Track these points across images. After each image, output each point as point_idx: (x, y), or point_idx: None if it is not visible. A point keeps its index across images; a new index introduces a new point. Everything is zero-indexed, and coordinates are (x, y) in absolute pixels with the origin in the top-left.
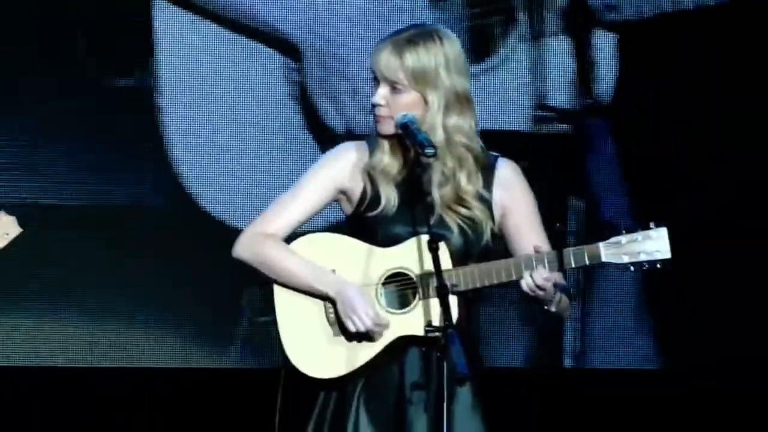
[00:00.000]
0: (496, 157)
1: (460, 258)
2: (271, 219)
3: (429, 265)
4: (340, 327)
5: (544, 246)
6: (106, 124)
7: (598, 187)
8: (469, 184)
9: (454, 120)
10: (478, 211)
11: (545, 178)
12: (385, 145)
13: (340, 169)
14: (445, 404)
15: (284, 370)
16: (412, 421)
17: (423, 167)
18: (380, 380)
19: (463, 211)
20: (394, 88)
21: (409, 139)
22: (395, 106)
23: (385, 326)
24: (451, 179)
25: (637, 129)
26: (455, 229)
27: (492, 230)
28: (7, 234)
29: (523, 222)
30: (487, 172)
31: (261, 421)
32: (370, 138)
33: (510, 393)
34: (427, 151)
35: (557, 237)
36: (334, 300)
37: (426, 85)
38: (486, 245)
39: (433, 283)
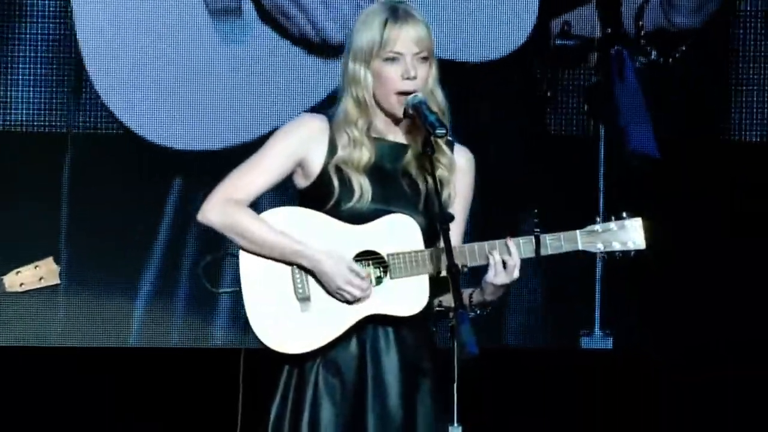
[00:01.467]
0: (453, 141)
1: (428, 234)
2: (238, 186)
3: (400, 245)
4: (311, 302)
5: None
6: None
7: (624, 115)
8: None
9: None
10: (446, 170)
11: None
12: (353, 131)
13: (301, 141)
14: (455, 384)
15: (244, 350)
16: (370, 397)
17: (432, 147)
18: (338, 356)
19: (437, 170)
20: (421, 60)
21: (419, 120)
22: (421, 78)
23: (369, 292)
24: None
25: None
26: (421, 205)
27: (449, 195)
28: (43, 279)
29: (460, 216)
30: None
31: (224, 399)
32: (333, 115)
33: (523, 373)
34: (438, 131)
35: (535, 224)
36: (312, 272)
37: (432, 51)
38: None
39: (426, 262)
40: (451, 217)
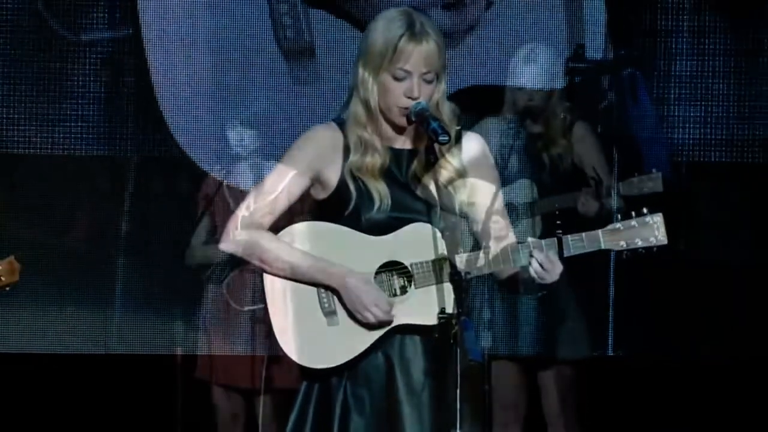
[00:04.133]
0: (461, 131)
1: (449, 241)
2: (257, 210)
3: (422, 254)
4: (338, 316)
5: (508, 231)
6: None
7: (638, 137)
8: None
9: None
10: (455, 173)
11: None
12: (363, 134)
13: (314, 155)
14: (458, 391)
15: (266, 357)
16: (404, 406)
17: (436, 154)
18: (366, 368)
19: (444, 174)
20: (427, 80)
21: (422, 127)
22: (424, 96)
23: (392, 314)
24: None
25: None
26: (439, 211)
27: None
28: (2, 278)
29: (490, 202)
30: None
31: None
32: (342, 122)
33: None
34: (441, 138)
35: (556, 225)
36: (338, 292)
37: (444, 64)
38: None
39: (447, 269)
40: (453, 226)
